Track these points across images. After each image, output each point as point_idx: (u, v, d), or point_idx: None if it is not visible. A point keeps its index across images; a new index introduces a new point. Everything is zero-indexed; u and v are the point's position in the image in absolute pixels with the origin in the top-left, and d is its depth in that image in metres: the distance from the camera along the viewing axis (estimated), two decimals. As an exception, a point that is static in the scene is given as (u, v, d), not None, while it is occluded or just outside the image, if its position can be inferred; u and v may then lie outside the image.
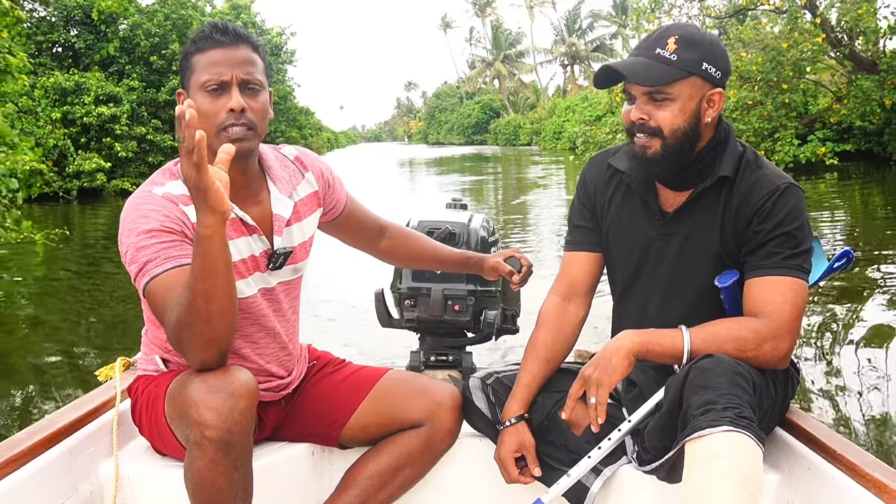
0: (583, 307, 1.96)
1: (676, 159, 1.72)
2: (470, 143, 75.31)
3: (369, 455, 1.92)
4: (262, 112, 1.70)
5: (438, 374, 2.42)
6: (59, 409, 1.90)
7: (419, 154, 63.49)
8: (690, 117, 1.70)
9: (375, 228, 2.14)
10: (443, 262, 2.24)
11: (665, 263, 1.82)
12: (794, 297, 1.67)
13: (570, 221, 2.00)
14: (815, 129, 19.00)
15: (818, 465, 1.70)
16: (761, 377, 1.65)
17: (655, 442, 1.67)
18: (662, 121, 1.69)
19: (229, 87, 1.65)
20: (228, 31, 1.67)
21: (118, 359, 2.05)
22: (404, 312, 2.44)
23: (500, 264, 2.16)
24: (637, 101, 1.71)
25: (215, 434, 1.48)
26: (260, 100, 1.69)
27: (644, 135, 1.71)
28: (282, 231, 1.79)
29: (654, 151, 1.71)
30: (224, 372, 1.54)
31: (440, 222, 2.46)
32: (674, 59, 1.67)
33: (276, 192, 1.80)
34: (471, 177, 28.92)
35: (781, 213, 1.70)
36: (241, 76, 1.66)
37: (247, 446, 1.55)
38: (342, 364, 2.05)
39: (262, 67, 1.71)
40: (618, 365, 1.65)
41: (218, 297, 1.46)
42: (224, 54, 1.66)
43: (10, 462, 1.63)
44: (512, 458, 1.84)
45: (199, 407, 1.49)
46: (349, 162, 53.03)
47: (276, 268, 1.79)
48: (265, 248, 1.77)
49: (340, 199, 2.02)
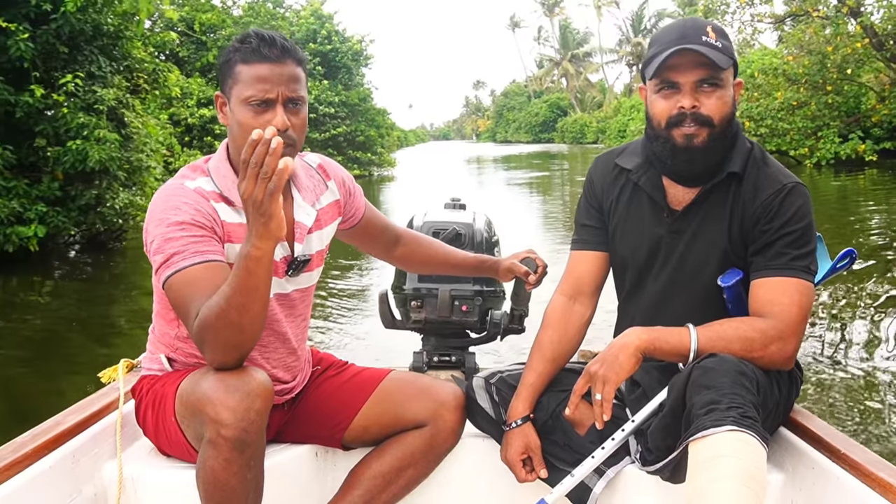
0: (589, 307, 1.95)
1: (721, 148, 1.72)
2: (537, 141, 75.57)
3: (373, 456, 1.92)
4: (303, 127, 1.69)
5: (441, 375, 2.41)
6: (63, 412, 1.89)
7: (487, 152, 64.25)
8: (732, 104, 1.72)
9: (391, 236, 2.15)
10: (456, 266, 2.24)
11: (673, 261, 1.81)
12: (800, 298, 1.67)
13: (576, 221, 1.99)
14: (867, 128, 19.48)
15: (822, 464, 1.69)
16: (765, 377, 1.64)
17: (659, 442, 1.66)
18: (713, 108, 1.68)
19: (274, 104, 1.63)
20: (276, 45, 1.64)
21: (121, 360, 2.04)
22: (411, 313, 2.42)
23: (515, 265, 2.16)
24: (684, 90, 1.69)
25: (231, 433, 1.48)
26: (301, 115, 1.69)
27: (694, 124, 1.69)
28: (303, 238, 1.80)
29: (701, 140, 1.69)
30: (241, 372, 1.54)
31: (446, 223, 2.47)
32: (720, 46, 1.68)
33: (299, 199, 1.81)
34: (538, 172, 29.44)
35: (789, 212, 1.69)
36: (286, 94, 1.64)
37: (260, 446, 1.56)
38: (345, 366, 2.05)
39: (304, 81, 1.70)
40: (625, 362, 1.64)
41: (252, 311, 1.47)
42: (271, 70, 1.63)
43: (14, 464, 1.62)
44: (519, 460, 1.84)
45: (215, 405, 1.49)
46: (419, 159, 54.67)
47: (294, 275, 1.80)
48: (285, 255, 1.78)
49: (360, 208, 2.03)
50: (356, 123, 31.44)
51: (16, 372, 5.67)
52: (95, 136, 9.55)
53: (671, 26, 1.76)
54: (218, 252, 1.60)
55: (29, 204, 9.31)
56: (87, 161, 9.42)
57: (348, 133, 31.19)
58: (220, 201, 1.68)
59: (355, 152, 31.95)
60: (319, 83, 30.41)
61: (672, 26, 1.76)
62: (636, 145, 1.89)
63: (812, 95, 19.77)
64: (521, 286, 2.27)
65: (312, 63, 30.63)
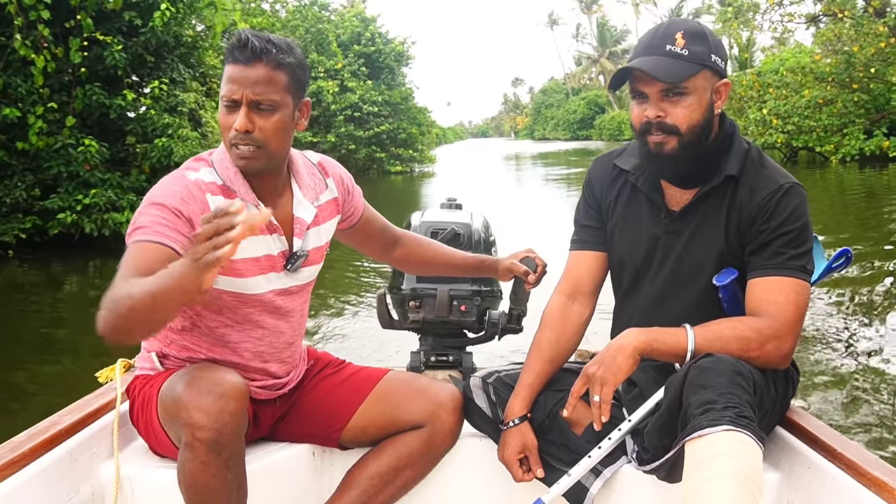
0: (587, 307, 1.95)
1: (693, 153, 1.73)
2: (575, 138, 75.86)
3: (370, 456, 1.92)
4: (274, 131, 1.68)
5: (439, 375, 2.41)
6: (60, 411, 1.89)
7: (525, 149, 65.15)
8: (705, 110, 1.71)
9: (390, 237, 2.15)
10: (455, 266, 2.24)
11: (670, 261, 1.82)
12: (796, 297, 1.67)
13: (575, 221, 1.99)
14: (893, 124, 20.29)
15: (818, 463, 1.69)
16: (762, 377, 1.64)
17: (655, 441, 1.67)
18: (679, 117, 1.69)
19: (240, 105, 1.65)
20: (247, 48, 1.64)
21: (118, 360, 2.03)
22: (409, 313, 2.41)
23: (515, 265, 2.16)
24: (651, 99, 1.70)
25: (206, 435, 1.49)
26: (273, 119, 1.67)
27: (661, 133, 1.70)
28: (302, 234, 1.81)
29: (670, 148, 1.71)
30: (214, 373, 1.55)
31: (444, 223, 2.46)
32: (685, 53, 1.67)
33: (299, 195, 1.83)
34: (575, 169, 29.63)
35: (785, 213, 1.70)
36: (250, 96, 1.64)
37: (238, 447, 1.56)
38: (342, 365, 2.05)
39: (283, 84, 1.68)
40: (622, 363, 1.65)
41: (163, 312, 1.42)
42: (240, 72, 1.65)
43: (11, 464, 1.62)
44: (516, 460, 1.84)
45: (188, 409, 1.50)
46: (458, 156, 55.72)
47: (293, 269, 1.81)
48: (283, 249, 1.79)
49: (359, 207, 2.03)
50: (398, 122, 32.90)
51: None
52: (179, 134, 11.06)
53: (649, 31, 1.78)
54: (179, 242, 1.57)
55: (121, 194, 10.80)
56: (171, 156, 10.87)
57: (391, 131, 32.56)
58: (217, 193, 1.69)
59: (397, 149, 33.36)
60: (363, 83, 31.85)
61: (649, 31, 1.77)
62: (634, 147, 1.89)
63: (839, 93, 20.39)
64: (521, 286, 2.26)
65: (357, 64, 32.07)
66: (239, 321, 1.80)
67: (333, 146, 30.60)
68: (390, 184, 28.11)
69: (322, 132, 30.89)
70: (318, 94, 30.10)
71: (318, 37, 30.49)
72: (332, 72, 31.15)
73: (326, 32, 30.72)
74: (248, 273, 1.74)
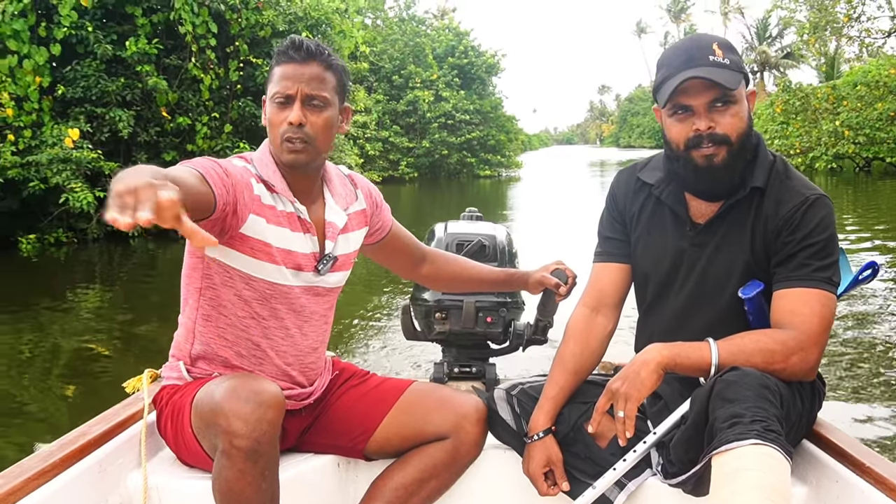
0: (611, 319, 1.95)
1: (742, 162, 1.73)
2: (660, 146, 74.38)
3: (395, 467, 1.92)
4: (323, 127, 1.76)
5: (462, 386, 2.41)
6: (88, 422, 1.90)
7: (610, 156, 65.97)
8: (748, 118, 1.72)
9: (418, 254, 2.18)
10: (483, 281, 2.26)
11: (695, 274, 1.81)
12: (822, 309, 1.66)
13: (599, 234, 2.00)
14: None
15: (846, 477, 1.67)
16: (788, 390, 1.63)
17: (681, 455, 1.66)
18: (729, 126, 1.69)
19: (294, 100, 1.73)
20: (302, 48, 1.75)
21: (145, 370, 2.05)
22: (435, 325, 2.42)
23: (546, 278, 2.17)
24: (698, 111, 1.70)
25: (244, 443, 1.51)
26: (323, 115, 1.76)
27: (712, 144, 1.70)
28: (335, 237, 1.86)
29: (721, 159, 1.70)
30: (253, 382, 1.58)
31: (470, 234, 2.48)
32: (727, 62, 1.68)
33: (331, 202, 1.88)
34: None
35: (811, 224, 1.69)
36: (305, 91, 1.73)
37: (274, 456, 1.58)
38: (366, 376, 2.06)
39: (332, 85, 1.77)
40: (646, 379, 1.64)
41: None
42: (294, 69, 1.74)
43: (41, 474, 1.64)
44: (541, 474, 1.84)
45: (228, 416, 1.52)
46: (543, 162, 56.91)
47: (323, 272, 1.85)
48: (315, 251, 1.84)
49: (386, 222, 2.08)
50: (488, 129, 35.56)
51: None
52: None
53: (677, 46, 1.77)
54: (217, 185, 1.61)
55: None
56: None
57: (481, 137, 34.95)
58: (259, 182, 1.77)
59: (486, 155, 35.72)
60: (456, 93, 34.34)
61: (678, 47, 1.77)
62: (658, 160, 1.91)
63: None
64: (550, 297, 2.25)
65: (451, 75, 34.56)
66: (265, 316, 1.82)
67: (428, 151, 33.22)
68: (479, 187, 29.88)
69: (417, 138, 33.48)
70: (415, 102, 32.75)
71: (415, 50, 33.21)
72: (428, 82, 33.69)
73: (423, 46, 33.49)
74: (279, 261, 1.78)
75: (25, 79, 11.69)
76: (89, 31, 12.00)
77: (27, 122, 11.67)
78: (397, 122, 32.81)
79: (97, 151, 11.55)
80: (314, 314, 1.90)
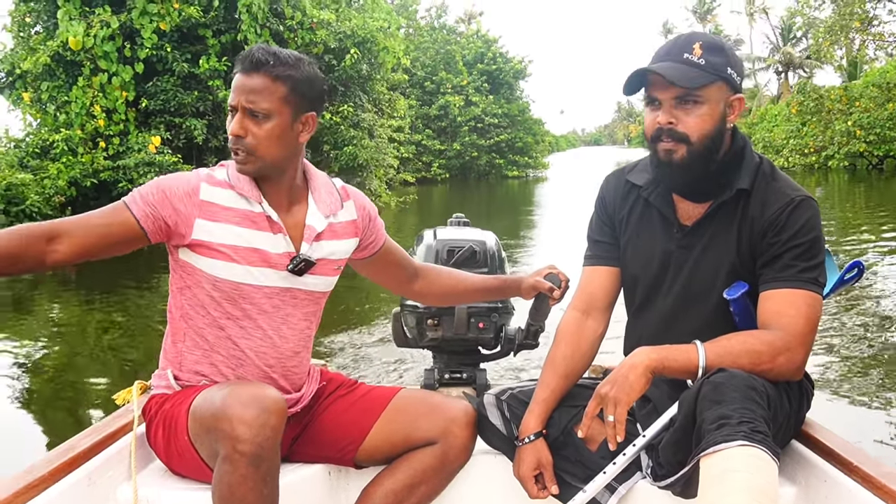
0: (601, 322, 1.95)
1: (702, 164, 1.73)
2: None
3: (384, 474, 1.92)
4: (265, 138, 1.76)
5: (453, 392, 2.39)
6: (77, 435, 1.88)
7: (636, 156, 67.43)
8: (717, 122, 1.71)
9: (410, 270, 2.17)
10: (477, 291, 2.25)
11: (682, 276, 1.82)
12: (808, 309, 1.67)
13: (589, 237, 2.00)
14: None
15: (835, 477, 1.67)
16: (775, 390, 1.63)
17: (670, 457, 1.65)
18: (691, 126, 1.70)
19: (236, 111, 1.76)
20: (248, 59, 1.75)
21: (136, 382, 2.03)
22: (427, 332, 2.41)
23: (540, 282, 2.17)
24: (664, 106, 1.71)
25: (247, 448, 1.49)
26: (265, 126, 1.75)
27: (671, 140, 1.71)
28: (310, 240, 1.86)
29: (679, 156, 1.71)
30: (253, 388, 1.58)
31: (461, 241, 2.46)
32: (702, 63, 1.68)
33: (314, 207, 1.89)
34: None
35: (796, 226, 1.69)
36: (244, 104, 1.74)
37: (276, 462, 1.57)
38: (354, 385, 2.05)
39: (280, 95, 1.76)
40: (635, 382, 1.64)
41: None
42: (241, 80, 1.75)
43: (29, 488, 1.60)
44: (532, 477, 1.83)
45: (231, 421, 1.51)
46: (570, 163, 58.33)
47: (296, 272, 1.84)
48: (288, 251, 1.84)
49: (380, 237, 2.07)
50: (515, 131, 37.61)
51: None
52: (361, 144, 15.18)
53: (668, 41, 1.78)
54: (142, 211, 1.74)
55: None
56: (356, 159, 15.10)
57: (509, 140, 36.99)
58: (215, 185, 1.80)
59: (514, 156, 37.69)
60: (485, 97, 36.46)
61: (668, 41, 1.78)
62: (646, 162, 1.90)
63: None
64: (542, 302, 2.23)
65: (480, 81, 36.36)
66: (239, 316, 1.82)
67: (458, 153, 35.25)
68: (507, 187, 31.65)
69: (448, 141, 35.44)
70: (446, 107, 34.65)
71: (446, 57, 35.09)
72: (458, 87, 35.68)
73: (454, 53, 35.36)
74: (242, 260, 1.79)
75: (114, 93, 13.90)
76: (168, 51, 14.31)
77: (116, 132, 13.93)
78: (429, 125, 34.92)
79: (176, 156, 13.42)
80: (291, 316, 1.88)
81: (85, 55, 14.02)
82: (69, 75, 14.46)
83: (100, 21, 13.89)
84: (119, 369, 5.86)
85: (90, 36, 13.79)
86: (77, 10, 13.99)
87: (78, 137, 13.89)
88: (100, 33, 13.70)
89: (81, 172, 13.47)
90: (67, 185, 13.30)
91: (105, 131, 13.99)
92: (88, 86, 14.16)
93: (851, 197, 18.77)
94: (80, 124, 14.05)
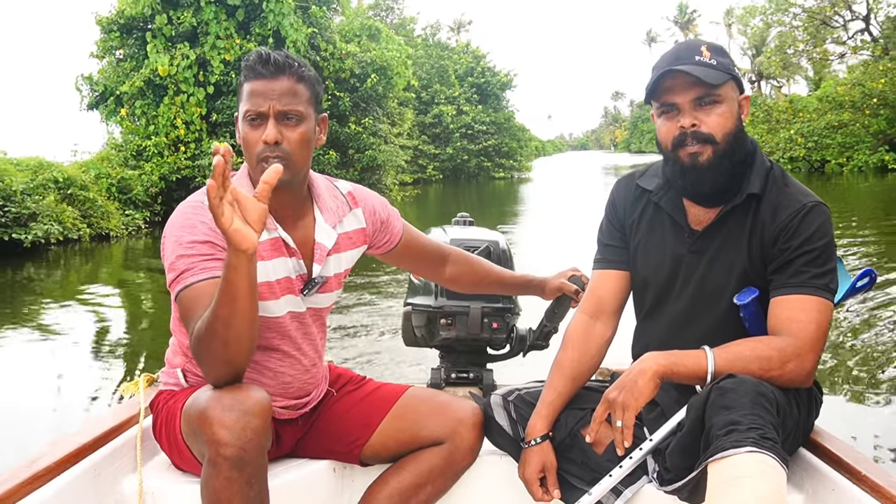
0: (610, 326, 1.94)
1: (728, 164, 1.72)
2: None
3: (390, 472, 1.91)
4: (300, 142, 1.70)
5: (459, 392, 2.39)
6: (84, 426, 1.89)
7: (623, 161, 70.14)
8: (736, 119, 1.72)
9: (437, 256, 2.15)
10: (504, 285, 2.25)
11: (693, 281, 1.81)
12: (818, 316, 1.66)
13: (599, 241, 1.99)
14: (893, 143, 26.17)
15: (842, 486, 1.66)
16: (784, 397, 1.63)
17: (677, 462, 1.65)
18: (714, 125, 1.69)
19: (267, 118, 1.67)
20: (270, 62, 1.68)
21: (142, 375, 2.05)
22: (440, 331, 2.40)
23: (565, 284, 2.18)
24: (684, 109, 1.70)
25: (229, 452, 1.48)
26: (298, 130, 1.69)
27: (696, 143, 1.70)
28: (322, 259, 1.81)
29: (706, 158, 1.70)
30: (238, 390, 1.54)
31: (475, 240, 2.46)
32: (714, 63, 1.70)
33: (321, 220, 1.82)
34: None
35: (808, 231, 1.69)
36: (277, 108, 1.67)
37: (261, 464, 1.55)
38: (363, 381, 2.05)
39: (306, 97, 1.71)
40: (643, 388, 1.64)
41: (236, 325, 1.48)
42: (264, 85, 1.67)
43: (35, 478, 1.61)
44: (537, 479, 1.83)
45: (212, 425, 1.49)
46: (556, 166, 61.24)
47: (309, 294, 1.81)
48: (301, 273, 1.79)
49: (395, 233, 2.04)
50: (502, 137, 41.88)
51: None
52: (379, 148, 19.57)
53: (669, 50, 1.78)
54: (207, 274, 1.62)
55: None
56: (376, 160, 19.42)
57: (496, 145, 41.56)
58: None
59: (501, 159, 42.47)
60: (475, 107, 40.68)
61: (670, 50, 1.78)
62: (657, 167, 1.90)
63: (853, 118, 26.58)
64: (562, 304, 2.23)
65: (470, 92, 40.60)
66: (260, 346, 1.79)
67: (451, 157, 39.75)
68: (494, 186, 35.89)
69: (442, 146, 39.95)
70: (440, 116, 39.23)
71: (440, 70, 39.30)
72: (451, 98, 40.08)
73: (447, 67, 39.46)
74: (265, 296, 1.74)
75: (191, 109, 18.46)
76: (232, 77, 18.49)
77: (192, 139, 18.29)
78: (425, 132, 39.04)
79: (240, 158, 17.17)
80: (308, 335, 1.87)
81: (170, 80, 18.75)
82: (157, 95, 19.24)
83: (181, 53, 18.72)
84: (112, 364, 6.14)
85: (173, 65, 18.65)
86: (162, 45, 18.83)
87: (164, 143, 18.65)
88: (181, 63, 18.58)
89: (168, 170, 18.16)
90: (159, 179, 17.86)
91: (184, 139, 18.70)
92: (172, 103, 18.90)
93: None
94: (165, 133, 18.78)
